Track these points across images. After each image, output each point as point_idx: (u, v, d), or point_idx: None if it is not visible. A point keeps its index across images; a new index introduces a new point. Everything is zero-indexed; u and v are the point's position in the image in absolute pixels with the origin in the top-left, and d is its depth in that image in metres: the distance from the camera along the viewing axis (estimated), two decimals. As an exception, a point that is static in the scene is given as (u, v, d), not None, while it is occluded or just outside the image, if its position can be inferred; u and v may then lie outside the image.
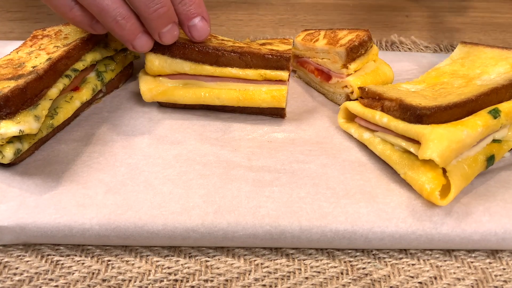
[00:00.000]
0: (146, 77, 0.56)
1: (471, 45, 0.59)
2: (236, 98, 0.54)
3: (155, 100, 0.56)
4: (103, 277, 0.42)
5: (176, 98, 0.55)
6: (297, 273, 0.42)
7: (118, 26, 0.48)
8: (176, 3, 0.50)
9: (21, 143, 0.47)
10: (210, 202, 0.45)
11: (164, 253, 0.44)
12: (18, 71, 0.49)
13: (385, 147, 0.49)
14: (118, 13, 0.47)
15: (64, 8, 0.48)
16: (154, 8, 0.47)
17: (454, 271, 0.43)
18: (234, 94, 0.54)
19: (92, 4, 0.47)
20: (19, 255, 0.43)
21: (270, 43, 0.60)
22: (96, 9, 0.47)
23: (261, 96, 0.54)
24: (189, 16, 0.51)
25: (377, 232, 0.43)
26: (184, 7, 0.50)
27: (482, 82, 0.51)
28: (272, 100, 0.54)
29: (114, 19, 0.48)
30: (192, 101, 0.55)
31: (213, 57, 0.53)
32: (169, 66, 0.54)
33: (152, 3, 0.47)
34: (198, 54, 0.53)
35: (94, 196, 0.45)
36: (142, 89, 0.55)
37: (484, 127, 0.44)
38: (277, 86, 0.54)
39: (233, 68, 0.54)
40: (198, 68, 0.54)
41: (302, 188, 0.47)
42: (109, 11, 0.47)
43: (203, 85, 0.55)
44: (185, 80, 0.56)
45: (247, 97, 0.54)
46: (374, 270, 0.43)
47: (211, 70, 0.54)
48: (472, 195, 0.46)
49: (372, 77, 0.57)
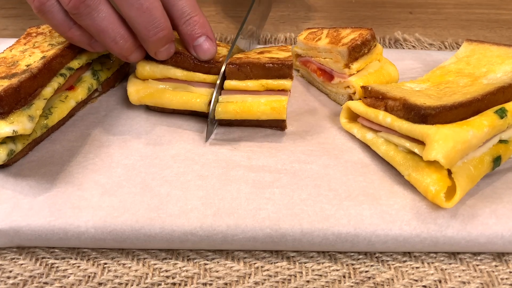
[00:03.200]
0: (135, 79, 0.56)
1: (477, 43, 0.59)
2: (233, 111, 0.52)
3: (142, 102, 0.55)
4: (99, 280, 0.42)
5: (163, 101, 0.54)
6: (298, 277, 0.42)
7: (117, 46, 0.49)
8: (180, 24, 0.51)
9: (14, 144, 0.47)
10: (209, 204, 0.45)
11: (161, 256, 0.44)
12: (11, 70, 0.49)
13: (388, 147, 0.49)
14: (118, 34, 0.48)
15: (63, 28, 0.49)
16: (154, 31, 0.48)
17: (459, 274, 0.43)
18: (230, 106, 0.52)
19: (91, 26, 0.47)
20: (13, 258, 0.43)
21: (269, 51, 0.58)
22: (95, 30, 0.47)
23: (260, 108, 0.52)
24: (194, 36, 0.51)
25: (381, 235, 0.43)
26: (188, 27, 0.51)
27: (488, 81, 0.51)
28: (272, 111, 0.52)
29: (113, 40, 0.48)
30: (181, 106, 0.54)
31: (205, 68, 0.53)
32: (160, 71, 0.54)
33: (153, 27, 0.48)
34: (191, 63, 0.53)
35: (90, 198, 0.45)
36: (129, 90, 0.55)
37: (490, 127, 0.44)
38: (277, 97, 0.52)
39: (232, 80, 0.53)
40: (190, 75, 0.54)
41: (303, 189, 0.47)
42: (109, 32, 0.47)
43: (194, 90, 0.54)
44: (175, 84, 0.55)
45: (245, 109, 0.52)
46: (377, 274, 0.43)
47: (203, 77, 0.53)
48: (478, 197, 0.46)
49: (375, 77, 0.57)
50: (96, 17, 0.46)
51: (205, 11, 0.89)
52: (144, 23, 0.47)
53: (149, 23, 0.47)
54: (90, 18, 0.46)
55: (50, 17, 0.48)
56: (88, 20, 0.46)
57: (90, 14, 0.46)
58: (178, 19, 0.50)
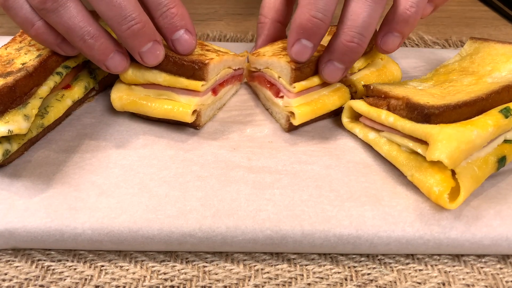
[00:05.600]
0: (120, 85, 0.54)
1: (481, 41, 0.59)
2: (312, 112, 0.53)
3: (126, 109, 0.54)
4: (96, 283, 0.42)
5: (146, 109, 0.53)
6: (299, 279, 0.42)
7: (86, 46, 0.46)
8: (156, 17, 0.48)
9: (10, 144, 0.47)
10: (208, 205, 0.45)
11: (160, 258, 0.44)
12: (6, 68, 0.49)
13: (391, 147, 0.49)
14: (86, 31, 0.45)
15: (26, 24, 0.46)
16: (127, 25, 0.45)
17: (463, 277, 0.43)
18: (308, 107, 0.52)
19: (59, 23, 0.44)
20: (8, 260, 0.43)
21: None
22: (63, 28, 0.45)
23: (330, 100, 0.54)
24: (172, 29, 0.49)
25: (383, 236, 0.43)
26: (165, 20, 0.48)
27: (493, 79, 0.51)
28: (340, 100, 0.55)
29: (81, 38, 0.45)
30: (163, 115, 0.52)
31: (189, 70, 0.51)
32: (142, 75, 0.52)
33: (124, 20, 0.45)
34: (173, 66, 0.51)
35: (87, 199, 0.45)
36: (112, 96, 0.54)
37: (495, 127, 0.44)
38: (337, 86, 0.55)
39: (302, 81, 0.52)
40: (172, 80, 0.51)
41: (304, 190, 0.47)
42: (76, 29, 0.45)
43: (177, 99, 0.52)
44: (159, 91, 0.53)
45: (320, 105, 0.53)
46: (379, 276, 0.43)
47: (186, 83, 0.51)
48: (483, 198, 0.46)
49: (378, 75, 0.57)
50: (63, 14, 0.44)
51: (204, 8, 0.89)
52: (116, 17, 0.45)
53: (121, 16, 0.45)
54: (57, 15, 0.44)
55: (13, 14, 0.46)
56: (55, 17, 0.44)
57: (57, 10, 0.44)
58: (154, 11, 0.48)
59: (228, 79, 0.58)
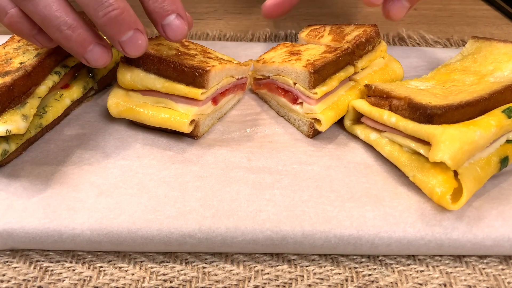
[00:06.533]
0: (117, 90, 0.54)
1: (483, 40, 0.59)
2: (336, 115, 0.53)
3: (122, 116, 0.53)
4: (95, 284, 0.41)
5: (142, 117, 0.51)
6: (299, 280, 0.42)
7: (63, 37, 0.44)
8: (146, 1, 0.46)
9: (8, 144, 0.47)
10: (207, 206, 0.45)
11: (159, 259, 0.44)
12: (4, 68, 0.49)
13: (393, 148, 0.49)
14: (63, 21, 0.43)
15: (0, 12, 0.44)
16: (104, 11, 0.42)
17: (465, 278, 0.43)
18: (332, 111, 0.53)
19: (34, 12, 0.42)
20: (6, 261, 0.43)
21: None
22: (38, 16, 0.42)
23: (348, 99, 0.54)
24: (163, 14, 0.46)
25: (384, 237, 0.43)
26: (155, 4, 0.46)
27: (495, 79, 0.51)
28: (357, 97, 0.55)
29: (58, 28, 0.43)
30: (159, 124, 0.51)
31: (189, 76, 0.49)
32: (141, 81, 0.51)
33: (101, 6, 0.42)
34: (173, 72, 0.50)
35: (85, 199, 0.45)
36: (109, 102, 0.53)
37: (497, 127, 0.44)
38: (350, 84, 0.56)
39: (321, 86, 0.52)
40: (171, 87, 0.50)
41: (304, 191, 0.47)
42: (52, 19, 0.42)
43: (175, 107, 0.51)
44: (156, 98, 0.52)
45: (341, 106, 0.53)
46: (380, 277, 0.43)
47: (185, 91, 0.50)
48: (485, 199, 0.46)
49: (380, 75, 0.57)
50: (39, 2, 0.42)
51: (204, 7, 0.89)
52: (91, 2, 0.42)
53: (97, 1, 0.42)
54: (32, 3, 0.42)
55: None
56: (30, 5, 0.42)
57: None
58: None
59: (230, 88, 0.57)
